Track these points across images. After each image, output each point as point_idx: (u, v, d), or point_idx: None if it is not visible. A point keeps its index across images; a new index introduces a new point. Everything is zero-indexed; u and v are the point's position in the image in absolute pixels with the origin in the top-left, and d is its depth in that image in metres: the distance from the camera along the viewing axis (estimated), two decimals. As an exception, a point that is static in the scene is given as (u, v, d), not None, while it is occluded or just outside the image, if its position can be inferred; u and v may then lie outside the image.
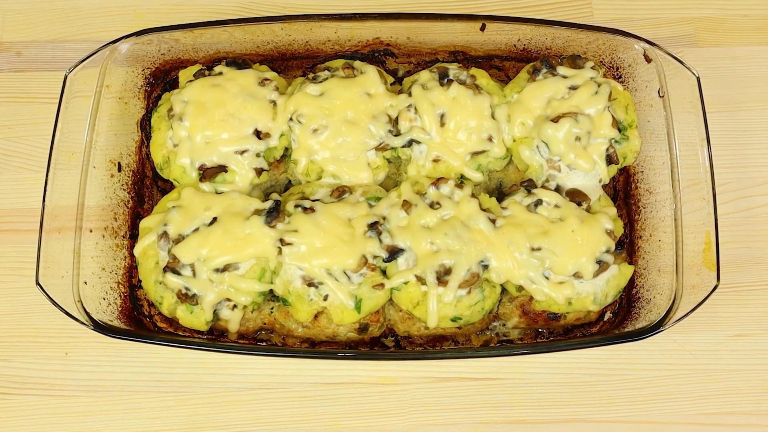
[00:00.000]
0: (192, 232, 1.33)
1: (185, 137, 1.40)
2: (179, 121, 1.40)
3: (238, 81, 1.42)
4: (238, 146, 1.39)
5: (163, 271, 1.32)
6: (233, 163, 1.39)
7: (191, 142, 1.39)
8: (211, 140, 1.39)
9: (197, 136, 1.39)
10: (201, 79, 1.43)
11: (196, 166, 1.39)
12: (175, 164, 1.41)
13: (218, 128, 1.39)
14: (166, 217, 1.35)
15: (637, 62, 1.48)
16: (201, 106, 1.39)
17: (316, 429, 1.42)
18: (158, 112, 1.45)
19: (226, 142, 1.39)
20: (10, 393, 1.43)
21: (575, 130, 1.37)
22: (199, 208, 1.35)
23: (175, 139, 1.41)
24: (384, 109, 1.43)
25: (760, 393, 1.44)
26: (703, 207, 1.36)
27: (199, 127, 1.39)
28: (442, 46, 1.53)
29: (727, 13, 1.66)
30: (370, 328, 1.38)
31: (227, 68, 1.44)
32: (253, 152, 1.40)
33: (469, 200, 1.36)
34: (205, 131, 1.39)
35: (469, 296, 1.33)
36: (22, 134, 1.57)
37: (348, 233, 1.33)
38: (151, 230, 1.36)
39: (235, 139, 1.39)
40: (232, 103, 1.39)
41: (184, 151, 1.40)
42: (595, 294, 1.34)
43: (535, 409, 1.43)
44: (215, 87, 1.41)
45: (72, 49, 1.62)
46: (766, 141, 1.59)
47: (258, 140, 1.40)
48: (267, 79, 1.43)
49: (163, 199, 1.41)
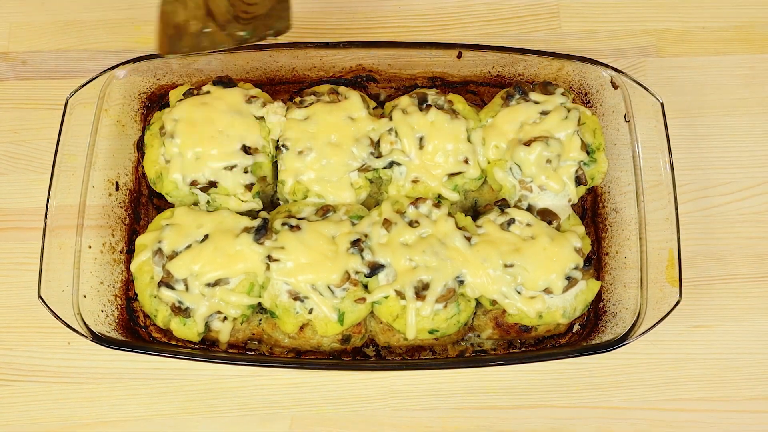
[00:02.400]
0: (185, 248, 1.35)
1: (176, 153, 1.40)
2: (170, 138, 1.40)
3: (226, 99, 1.43)
4: (227, 161, 1.40)
5: (158, 285, 1.34)
6: (222, 178, 1.40)
7: (182, 158, 1.40)
8: (201, 156, 1.39)
9: (188, 152, 1.39)
10: (190, 98, 1.43)
11: (188, 182, 1.40)
12: (167, 179, 1.41)
13: (208, 144, 1.39)
14: (160, 234, 1.37)
15: (605, 88, 1.50)
16: (191, 123, 1.40)
17: (303, 414, 1.45)
18: (151, 130, 1.46)
19: (215, 157, 1.39)
20: (16, 380, 1.46)
21: (546, 153, 1.40)
22: (192, 225, 1.37)
23: (167, 155, 1.41)
24: (366, 132, 1.44)
25: (717, 380, 1.48)
26: (666, 227, 1.38)
27: (190, 143, 1.39)
28: (421, 72, 1.56)
29: (687, 25, 1.68)
30: (353, 339, 1.40)
31: (214, 87, 1.45)
32: (241, 167, 1.40)
33: (446, 219, 1.38)
34: (195, 147, 1.39)
35: (446, 310, 1.34)
36: (28, 138, 1.59)
37: (332, 250, 1.35)
38: (146, 247, 1.38)
39: (224, 155, 1.40)
40: (221, 121, 1.40)
41: (175, 166, 1.40)
42: (564, 308, 1.36)
43: (508, 395, 1.47)
44: (204, 105, 1.41)
45: (74, 58, 1.63)
46: (724, 145, 1.60)
47: (246, 155, 1.41)
48: (253, 96, 1.44)
49: (158, 217, 1.42)
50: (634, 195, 1.44)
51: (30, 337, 1.49)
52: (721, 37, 1.68)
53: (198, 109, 1.42)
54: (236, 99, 1.44)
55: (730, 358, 1.50)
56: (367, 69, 1.56)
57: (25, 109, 1.61)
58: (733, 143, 1.62)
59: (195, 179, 1.40)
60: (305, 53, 1.51)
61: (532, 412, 1.47)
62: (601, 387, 1.48)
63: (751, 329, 1.52)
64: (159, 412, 1.46)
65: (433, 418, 1.46)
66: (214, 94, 1.44)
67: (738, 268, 1.55)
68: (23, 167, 1.58)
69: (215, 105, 1.42)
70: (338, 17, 1.70)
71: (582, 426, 1.46)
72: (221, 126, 1.41)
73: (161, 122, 1.44)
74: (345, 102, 1.46)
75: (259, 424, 1.45)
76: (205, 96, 1.44)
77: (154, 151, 1.44)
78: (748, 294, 1.53)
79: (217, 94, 1.44)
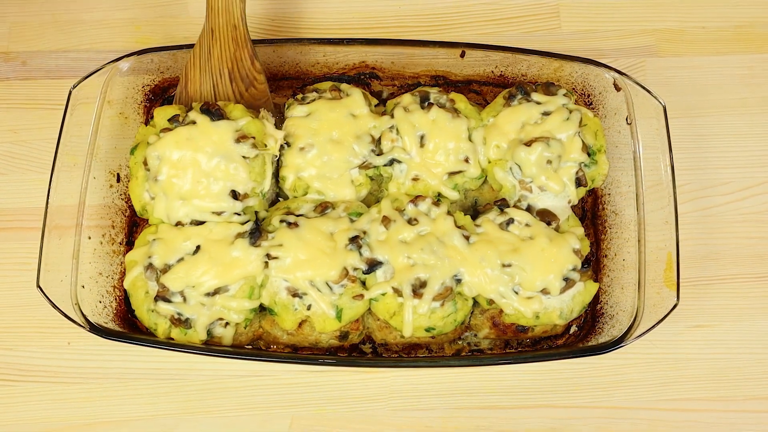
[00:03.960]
0: (177, 261, 1.34)
1: (161, 195, 1.37)
2: (154, 179, 1.37)
3: (212, 137, 1.37)
4: (215, 207, 1.37)
5: (155, 300, 1.33)
6: (211, 220, 1.37)
7: (167, 200, 1.37)
8: (186, 198, 1.36)
9: (172, 197, 1.37)
10: (175, 132, 1.37)
11: (174, 222, 1.38)
12: (153, 215, 1.39)
13: (193, 188, 1.36)
14: (149, 249, 1.36)
15: (607, 90, 1.50)
16: (175, 165, 1.36)
17: (303, 414, 1.46)
18: (135, 157, 1.41)
19: (202, 203, 1.37)
20: (17, 380, 1.46)
21: (547, 154, 1.40)
22: (178, 239, 1.36)
23: (152, 192, 1.38)
24: (368, 129, 1.45)
25: (717, 380, 1.48)
26: (665, 228, 1.39)
27: (174, 189, 1.36)
28: (424, 71, 1.56)
29: (686, 25, 1.68)
30: (350, 336, 1.40)
31: (201, 116, 1.38)
32: (230, 213, 1.37)
33: (445, 217, 1.38)
34: (180, 190, 1.36)
35: (443, 308, 1.35)
36: (28, 138, 1.59)
37: (330, 246, 1.35)
38: (137, 263, 1.36)
39: (212, 201, 1.37)
40: (207, 164, 1.36)
41: (160, 208, 1.38)
42: (561, 309, 1.36)
43: (508, 395, 1.47)
44: (189, 141, 1.36)
45: (74, 58, 1.64)
46: (724, 145, 1.61)
47: (235, 201, 1.37)
48: (243, 137, 1.38)
49: (143, 232, 1.41)
50: (634, 197, 1.45)
51: (30, 337, 1.49)
52: (721, 37, 1.68)
53: (183, 146, 1.36)
54: (224, 138, 1.37)
55: (730, 358, 1.50)
56: (370, 66, 1.57)
57: (25, 109, 1.62)
58: (733, 143, 1.62)
59: (181, 221, 1.38)
60: (309, 49, 1.52)
61: (532, 412, 1.47)
62: (601, 387, 1.49)
63: (751, 329, 1.52)
64: (159, 412, 1.46)
65: (433, 418, 1.46)
66: (200, 126, 1.38)
67: (738, 268, 1.55)
68: (23, 167, 1.59)
69: (201, 144, 1.36)
70: (338, 17, 1.70)
71: (582, 426, 1.46)
72: (208, 169, 1.36)
73: (144, 152, 1.39)
74: (347, 99, 1.47)
75: (259, 424, 1.46)
76: (192, 129, 1.37)
77: (138, 184, 1.41)
78: (748, 294, 1.54)
79: (203, 127, 1.38)
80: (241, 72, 1.47)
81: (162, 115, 1.42)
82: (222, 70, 1.46)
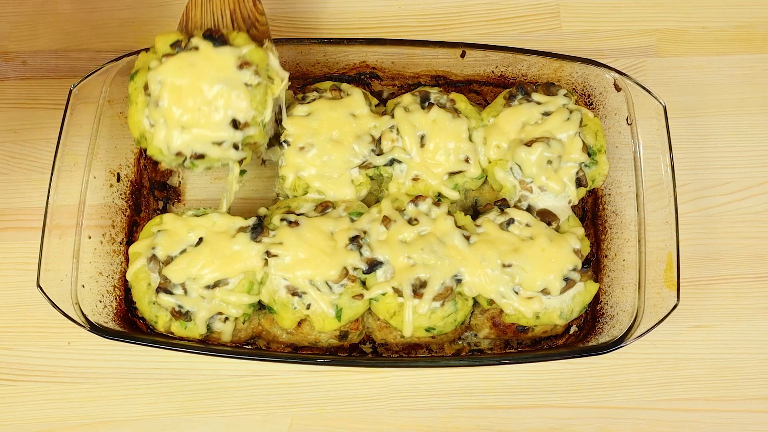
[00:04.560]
0: (180, 253, 1.34)
1: (161, 122, 1.33)
2: (155, 105, 1.32)
3: (215, 63, 1.33)
4: (215, 137, 1.33)
5: (156, 291, 1.33)
6: (210, 152, 1.34)
7: (167, 127, 1.33)
8: (187, 127, 1.32)
9: (173, 123, 1.32)
10: (177, 57, 1.33)
11: (173, 152, 1.34)
12: (152, 144, 1.35)
13: (194, 116, 1.32)
14: (153, 241, 1.36)
15: (608, 90, 1.50)
16: (176, 91, 1.31)
17: (303, 413, 1.46)
18: (135, 83, 1.36)
19: (202, 132, 1.33)
20: (17, 380, 1.46)
21: (547, 154, 1.40)
22: (183, 231, 1.36)
23: (152, 119, 1.33)
24: (368, 129, 1.45)
25: (717, 380, 1.49)
26: (666, 229, 1.39)
27: (175, 115, 1.31)
28: (425, 71, 1.56)
29: (687, 25, 1.68)
30: (350, 336, 1.40)
31: (204, 42, 1.34)
32: (230, 143, 1.34)
33: (445, 217, 1.38)
34: (181, 118, 1.31)
35: (443, 308, 1.35)
36: (29, 138, 1.59)
37: (330, 246, 1.35)
38: (140, 255, 1.36)
39: (212, 130, 1.33)
40: (209, 91, 1.31)
41: (159, 135, 1.33)
42: (561, 309, 1.36)
43: (508, 395, 1.48)
44: (191, 67, 1.32)
45: (75, 58, 1.63)
46: (724, 144, 1.61)
47: (235, 130, 1.33)
48: (246, 63, 1.34)
49: (148, 224, 1.41)
50: (634, 198, 1.45)
51: (30, 337, 1.49)
52: (722, 37, 1.68)
53: (185, 72, 1.32)
54: (227, 64, 1.33)
55: (730, 358, 1.50)
56: (370, 66, 1.57)
57: (25, 109, 1.62)
58: (733, 143, 1.62)
59: (181, 151, 1.34)
60: (309, 49, 1.52)
61: (532, 412, 1.47)
62: (602, 387, 1.49)
63: (751, 329, 1.52)
64: (159, 412, 1.46)
65: (433, 418, 1.47)
66: (203, 52, 1.33)
67: (738, 268, 1.55)
68: (23, 167, 1.58)
69: (204, 69, 1.32)
70: (338, 17, 1.70)
71: (582, 426, 1.47)
72: (209, 96, 1.32)
73: (145, 77, 1.35)
74: (347, 99, 1.47)
75: (259, 424, 1.46)
76: (194, 54, 1.33)
77: (137, 110, 1.36)
78: (748, 294, 1.54)
79: (206, 53, 1.33)
80: (243, 13, 1.43)
81: (164, 41, 1.37)
82: (224, 10, 1.43)
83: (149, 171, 1.54)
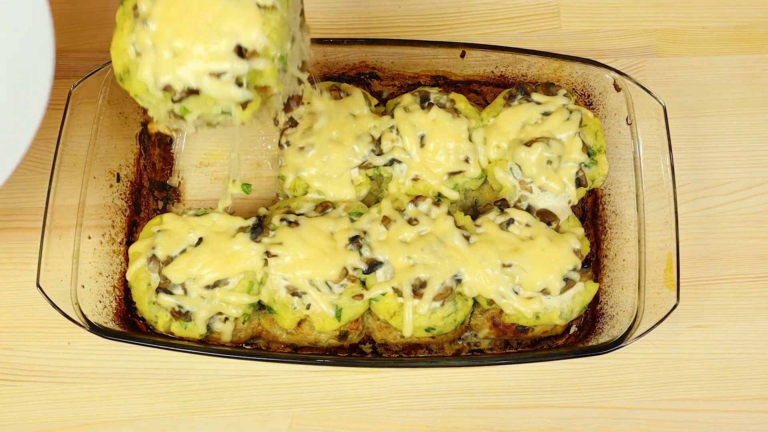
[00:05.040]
0: (180, 253, 1.34)
1: (149, 45, 1.06)
2: (143, 24, 1.06)
3: None
4: (214, 65, 1.05)
5: (156, 291, 1.33)
6: (206, 87, 1.06)
7: (156, 52, 1.05)
8: (180, 53, 1.05)
9: (163, 46, 1.05)
10: None
11: (161, 85, 1.06)
12: (135, 77, 1.09)
13: (190, 38, 1.04)
14: (153, 241, 1.35)
15: (607, 90, 1.50)
16: (173, 5, 1.05)
17: (303, 414, 1.46)
18: (124, 7, 1.12)
19: (199, 57, 1.05)
20: (17, 380, 1.46)
21: (547, 154, 1.40)
22: (183, 230, 1.36)
23: (138, 45, 1.07)
24: (368, 129, 1.45)
25: (717, 380, 1.49)
26: (666, 229, 1.39)
27: (167, 34, 1.05)
28: (425, 71, 1.56)
29: (687, 25, 1.68)
30: (350, 336, 1.40)
31: None
32: (232, 76, 1.06)
33: (445, 218, 1.38)
34: (173, 41, 1.04)
35: (443, 308, 1.35)
36: None
37: (330, 246, 1.35)
38: (140, 255, 1.36)
39: (211, 56, 1.04)
40: (212, 7, 1.04)
41: (146, 63, 1.06)
42: (561, 309, 1.37)
43: (508, 395, 1.48)
44: None
45: (73, 58, 1.62)
46: (724, 144, 1.60)
47: (240, 59, 1.05)
48: None
49: (148, 224, 1.41)
50: (634, 198, 1.45)
51: (30, 337, 1.49)
52: (721, 37, 1.68)
53: None
54: None
55: (730, 358, 1.50)
56: (370, 66, 1.57)
57: (24, 109, 1.61)
58: (733, 143, 1.62)
59: (170, 84, 1.06)
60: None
61: (532, 412, 1.47)
62: (602, 387, 1.49)
63: (751, 329, 1.52)
64: (159, 412, 1.46)
65: (433, 418, 1.47)
66: None
67: (738, 268, 1.55)
68: (23, 167, 1.57)
69: None
70: (337, 17, 1.70)
71: (582, 426, 1.47)
72: (211, 14, 1.05)
73: None
74: (347, 99, 1.46)
75: (259, 424, 1.46)
76: None
77: (123, 36, 1.10)
78: (748, 294, 1.54)
79: None
80: None
81: None
82: None
83: (149, 171, 1.54)
